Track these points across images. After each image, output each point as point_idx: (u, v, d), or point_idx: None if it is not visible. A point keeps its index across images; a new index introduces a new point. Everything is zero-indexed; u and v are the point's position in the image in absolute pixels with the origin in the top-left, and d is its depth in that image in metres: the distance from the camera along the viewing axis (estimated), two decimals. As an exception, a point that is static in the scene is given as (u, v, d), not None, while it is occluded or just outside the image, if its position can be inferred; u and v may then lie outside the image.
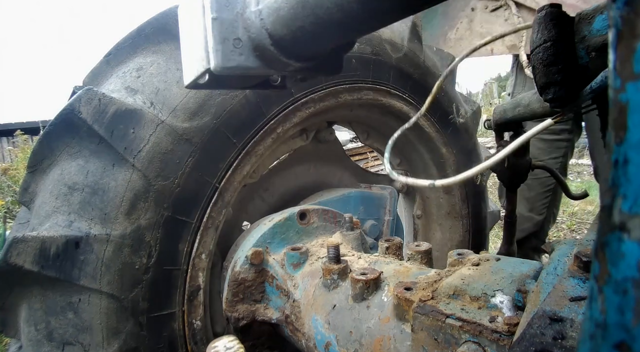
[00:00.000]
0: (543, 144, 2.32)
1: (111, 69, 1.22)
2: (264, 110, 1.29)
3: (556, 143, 2.30)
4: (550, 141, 2.31)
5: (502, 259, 0.96)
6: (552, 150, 2.29)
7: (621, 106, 0.23)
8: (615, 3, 0.23)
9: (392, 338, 0.92)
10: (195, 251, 1.20)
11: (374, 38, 1.52)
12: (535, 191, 2.39)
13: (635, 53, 0.22)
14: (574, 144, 2.34)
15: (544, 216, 2.40)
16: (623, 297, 0.22)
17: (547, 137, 2.31)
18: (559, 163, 2.32)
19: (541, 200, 2.39)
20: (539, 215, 2.40)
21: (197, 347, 1.23)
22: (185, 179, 1.15)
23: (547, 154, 2.31)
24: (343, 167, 1.93)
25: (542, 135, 2.33)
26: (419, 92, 1.69)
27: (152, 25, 1.19)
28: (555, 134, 2.32)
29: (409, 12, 0.57)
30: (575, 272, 0.67)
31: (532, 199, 2.41)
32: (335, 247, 1.14)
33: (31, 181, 1.13)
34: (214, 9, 0.58)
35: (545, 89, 0.97)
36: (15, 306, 1.09)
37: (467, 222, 1.96)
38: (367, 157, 7.90)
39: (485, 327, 0.73)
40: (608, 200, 0.24)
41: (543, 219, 2.40)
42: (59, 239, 1.02)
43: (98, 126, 1.07)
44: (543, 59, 0.94)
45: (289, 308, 1.25)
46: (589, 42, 0.89)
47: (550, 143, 2.31)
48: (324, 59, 0.68)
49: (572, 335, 0.51)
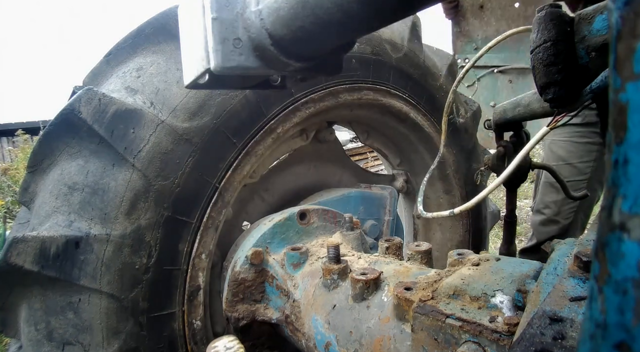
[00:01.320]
0: (574, 147, 2.26)
1: (111, 69, 1.22)
2: (264, 110, 1.29)
3: (587, 146, 2.23)
4: (580, 144, 2.24)
5: (502, 259, 0.96)
6: (583, 154, 2.24)
7: (621, 106, 0.23)
8: (615, 3, 0.23)
9: (392, 338, 0.92)
10: (195, 251, 1.20)
11: (374, 38, 1.52)
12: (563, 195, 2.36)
13: (635, 53, 0.22)
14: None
15: (569, 220, 2.35)
16: (623, 297, 0.22)
17: (578, 140, 2.25)
18: (589, 167, 2.24)
19: (569, 204, 2.33)
20: (565, 220, 2.36)
21: (197, 347, 1.23)
22: (185, 179, 1.15)
23: (578, 157, 2.25)
24: (343, 167, 1.93)
25: (572, 138, 2.27)
26: (418, 92, 1.69)
27: (152, 25, 1.19)
28: (585, 136, 2.25)
29: (409, 12, 0.57)
30: (575, 272, 0.67)
31: (560, 202, 2.35)
32: (335, 247, 1.14)
33: (31, 181, 1.13)
34: (214, 9, 0.58)
35: (545, 89, 0.97)
36: (15, 306, 1.09)
37: (467, 222, 1.96)
38: (367, 157, 7.90)
39: (485, 327, 0.73)
40: (608, 200, 0.24)
41: (569, 224, 2.36)
42: (59, 239, 1.02)
43: (98, 126, 1.07)
44: (543, 59, 0.94)
45: (289, 308, 1.25)
46: (589, 42, 0.89)
47: (581, 146, 2.25)
48: (324, 59, 0.68)
49: (572, 335, 0.51)
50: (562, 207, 2.36)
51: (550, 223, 2.42)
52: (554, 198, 2.38)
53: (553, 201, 2.39)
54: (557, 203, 2.37)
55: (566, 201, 2.32)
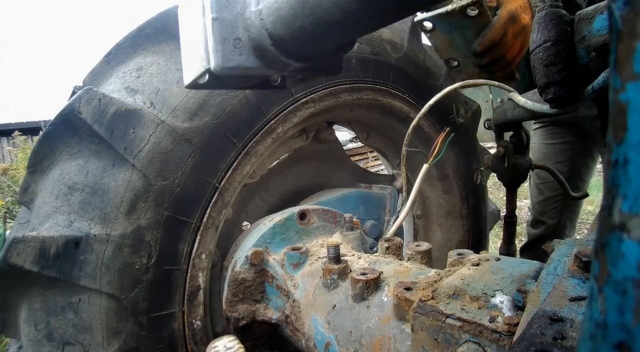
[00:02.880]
0: (547, 148, 2.32)
1: (111, 69, 1.22)
2: (264, 110, 1.29)
3: (560, 146, 2.29)
4: (553, 145, 2.30)
5: (502, 259, 0.96)
6: (558, 154, 2.28)
7: (621, 106, 0.23)
8: (615, 3, 0.23)
9: (392, 338, 0.92)
10: (195, 251, 1.20)
11: (374, 38, 1.52)
12: (544, 195, 2.39)
13: (635, 53, 0.22)
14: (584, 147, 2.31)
15: (555, 220, 2.40)
16: (623, 297, 0.22)
17: (551, 141, 2.31)
18: (566, 166, 2.29)
19: (552, 204, 2.38)
20: (551, 219, 2.40)
21: (197, 347, 1.23)
22: (185, 179, 1.15)
23: (554, 158, 2.30)
24: (343, 167, 1.93)
25: (545, 140, 2.32)
26: (419, 92, 1.69)
27: (152, 25, 1.19)
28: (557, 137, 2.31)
29: (409, 12, 0.57)
30: (575, 272, 0.67)
31: (543, 203, 2.41)
32: (335, 247, 1.14)
33: (31, 181, 1.13)
34: (214, 9, 0.58)
35: (545, 89, 0.97)
36: (15, 306, 1.09)
37: (467, 222, 1.96)
38: (367, 157, 7.91)
39: (485, 327, 0.73)
40: (608, 200, 0.24)
41: (556, 223, 2.40)
42: (59, 239, 1.02)
43: (98, 126, 1.07)
44: (543, 59, 0.94)
45: (289, 308, 1.25)
46: (589, 42, 0.89)
47: (555, 147, 2.30)
48: (324, 59, 0.68)
49: (572, 335, 0.51)
50: (545, 207, 2.40)
51: (538, 223, 2.46)
52: (538, 199, 2.44)
53: (537, 202, 2.44)
54: (540, 204, 2.42)
55: (549, 201, 2.37)
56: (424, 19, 1.17)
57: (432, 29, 1.19)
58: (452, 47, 1.24)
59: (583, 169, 2.34)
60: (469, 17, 1.10)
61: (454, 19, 1.13)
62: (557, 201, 2.36)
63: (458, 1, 1.09)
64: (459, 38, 1.19)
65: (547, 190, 2.38)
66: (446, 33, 1.19)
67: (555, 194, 2.35)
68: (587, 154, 2.32)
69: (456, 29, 1.16)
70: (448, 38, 1.21)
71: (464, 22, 1.12)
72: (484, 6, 1.08)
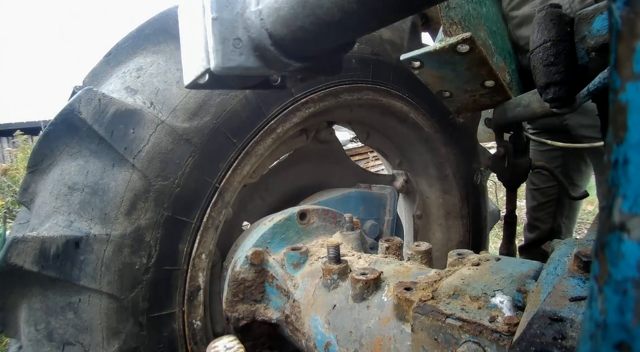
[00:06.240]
0: (539, 155, 2.34)
1: (111, 69, 1.22)
2: (264, 110, 1.29)
3: (551, 152, 2.31)
4: (545, 151, 2.32)
5: (502, 259, 0.96)
6: (550, 160, 2.29)
7: (621, 106, 0.22)
8: (615, 3, 0.23)
9: (392, 338, 0.92)
10: (195, 251, 1.20)
11: (374, 38, 1.52)
12: (537, 201, 2.41)
13: (635, 53, 0.22)
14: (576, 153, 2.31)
15: (549, 225, 2.41)
16: (623, 297, 0.22)
17: (542, 148, 2.32)
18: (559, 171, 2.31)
19: (545, 210, 2.40)
20: (544, 224, 2.42)
21: (197, 347, 1.23)
22: (185, 179, 1.15)
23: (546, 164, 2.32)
24: (343, 167, 1.93)
25: (538, 147, 2.33)
26: (418, 92, 1.69)
27: (152, 25, 1.19)
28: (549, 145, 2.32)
29: (409, 12, 0.57)
30: (575, 272, 0.67)
31: (536, 208, 2.43)
32: (335, 247, 1.14)
33: (31, 181, 1.13)
34: (214, 9, 0.58)
35: (545, 89, 0.97)
36: (15, 306, 1.09)
37: (467, 222, 1.96)
38: (367, 157, 7.91)
39: (485, 327, 0.73)
40: (608, 200, 0.24)
41: (549, 229, 2.41)
42: (59, 239, 1.02)
43: (98, 126, 1.07)
44: (543, 59, 0.94)
45: (289, 308, 1.25)
46: (589, 42, 0.89)
47: (546, 153, 2.32)
48: (324, 59, 0.68)
49: (572, 335, 0.51)
50: (538, 213, 2.43)
51: (532, 228, 2.49)
52: (532, 204, 2.47)
53: (531, 207, 2.47)
54: (534, 209, 2.44)
55: (542, 207, 2.40)
56: (410, 58, 1.14)
57: (420, 67, 1.16)
58: (443, 80, 1.21)
59: (576, 174, 2.35)
60: (460, 54, 1.06)
61: (444, 56, 1.09)
62: (550, 207, 2.38)
63: (446, 38, 1.05)
64: (450, 73, 1.16)
65: (540, 196, 2.40)
66: (436, 69, 1.16)
67: (548, 200, 2.37)
68: (579, 158, 2.33)
69: (447, 65, 1.13)
70: (438, 73, 1.18)
71: (455, 59, 1.08)
72: (476, 43, 1.04)
